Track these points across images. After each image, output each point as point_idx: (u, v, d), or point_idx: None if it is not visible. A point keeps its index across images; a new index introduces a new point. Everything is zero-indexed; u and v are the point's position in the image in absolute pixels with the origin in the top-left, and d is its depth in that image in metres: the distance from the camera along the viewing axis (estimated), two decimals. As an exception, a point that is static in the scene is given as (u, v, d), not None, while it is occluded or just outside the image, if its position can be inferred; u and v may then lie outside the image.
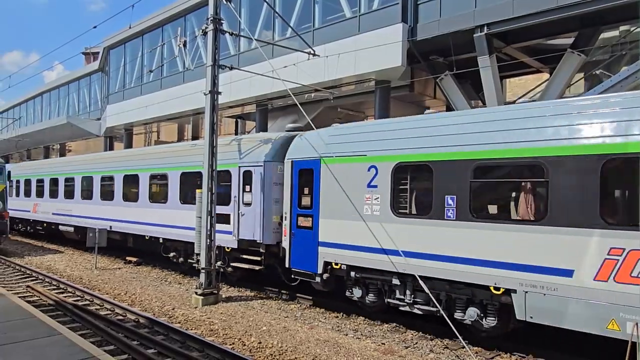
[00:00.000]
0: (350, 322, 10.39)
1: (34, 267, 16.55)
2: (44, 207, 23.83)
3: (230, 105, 20.20)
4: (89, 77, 33.92)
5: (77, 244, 21.49)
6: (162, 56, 24.48)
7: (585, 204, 7.05)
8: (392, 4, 14.61)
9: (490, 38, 13.05)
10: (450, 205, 8.51)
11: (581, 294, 7.01)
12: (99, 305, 11.59)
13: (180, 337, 8.98)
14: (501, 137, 8.03)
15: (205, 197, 11.79)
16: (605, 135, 7.02)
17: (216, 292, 11.85)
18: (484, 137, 8.25)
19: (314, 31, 16.73)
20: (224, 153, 13.05)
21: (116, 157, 19.64)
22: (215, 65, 11.95)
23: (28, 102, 43.63)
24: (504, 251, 7.81)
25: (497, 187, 8.56)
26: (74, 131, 33.17)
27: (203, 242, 11.80)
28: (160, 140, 32.49)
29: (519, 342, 8.67)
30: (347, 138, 10.59)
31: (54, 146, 42.35)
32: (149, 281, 14.64)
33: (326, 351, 8.29)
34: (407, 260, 8.96)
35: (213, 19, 11.86)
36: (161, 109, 23.69)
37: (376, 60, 14.67)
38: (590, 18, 12.08)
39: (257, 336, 9.06)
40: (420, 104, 19.26)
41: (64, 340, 7.04)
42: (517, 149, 7.80)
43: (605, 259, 6.83)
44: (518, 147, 7.79)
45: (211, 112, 11.96)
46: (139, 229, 16.84)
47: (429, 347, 8.80)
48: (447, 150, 8.65)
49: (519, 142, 7.80)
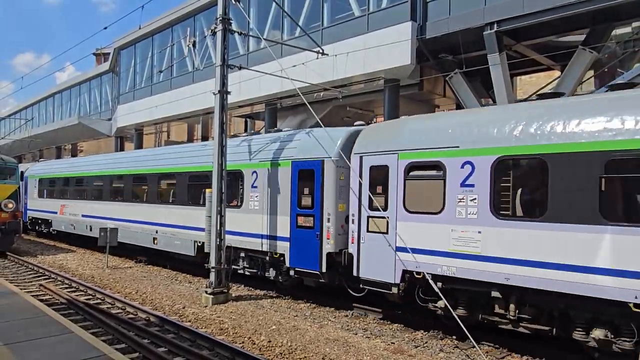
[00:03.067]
0: (359, 321, 10.37)
1: (47, 266, 16.74)
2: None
3: (240, 105, 20.27)
4: (100, 77, 34.23)
5: (88, 243, 21.65)
6: (171, 56, 24.64)
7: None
8: (401, 2, 14.55)
9: (500, 35, 12.95)
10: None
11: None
12: (110, 304, 11.69)
13: (190, 335, 9.02)
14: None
15: (215, 197, 11.83)
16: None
17: (226, 291, 11.90)
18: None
19: (322, 30, 16.72)
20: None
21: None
22: (225, 65, 11.99)
23: (40, 103, 44.13)
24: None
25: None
26: (85, 131, 33.50)
27: (213, 242, 11.84)
28: (170, 140, 32.71)
29: (531, 343, 8.59)
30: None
31: (66, 146, 42.81)
32: (160, 280, 14.74)
33: (335, 350, 8.29)
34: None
35: (222, 19, 11.90)
36: (171, 109, 23.83)
37: (385, 59, 14.63)
38: (602, 14, 11.93)
39: (266, 335, 9.08)
40: (429, 103, 19.19)
41: (76, 339, 7.11)
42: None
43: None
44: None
45: (220, 112, 12.00)
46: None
47: (438, 346, 8.76)
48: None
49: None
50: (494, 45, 12.97)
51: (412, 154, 9.23)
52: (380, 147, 9.84)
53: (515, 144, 7.88)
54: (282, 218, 11.85)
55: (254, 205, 12.74)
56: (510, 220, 7.89)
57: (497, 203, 8.05)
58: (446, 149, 8.73)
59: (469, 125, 8.71)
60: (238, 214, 13.06)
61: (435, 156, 8.90)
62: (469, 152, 8.42)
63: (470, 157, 8.37)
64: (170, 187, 16.26)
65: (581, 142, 7.22)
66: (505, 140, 8.01)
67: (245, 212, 12.94)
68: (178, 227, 15.37)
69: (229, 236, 12.47)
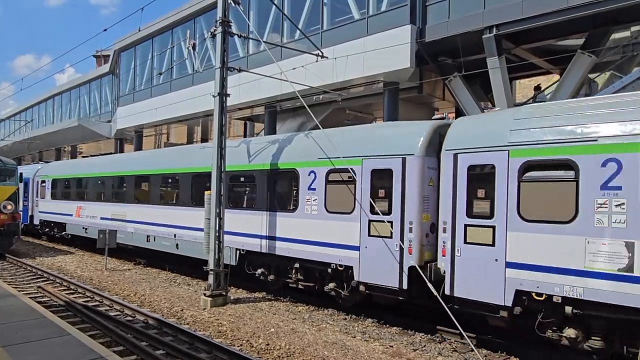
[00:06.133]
0: (358, 324, 10.35)
1: (45, 268, 16.71)
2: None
3: (239, 107, 20.27)
4: (100, 79, 34.26)
5: (86, 245, 21.62)
6: (171, 58, 24.67)
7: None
8: (400, 5, 14.58)
9: (499, 39, 12.97)
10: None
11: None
12: (108, 306, 11.68)
13: (188, 338, 9.01)
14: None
15: (214, 199, 11.82)
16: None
17: (225, 294, 11.88)
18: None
19: (322, 33, 16.74)
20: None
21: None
22: (224, 67, 12.00)
23: (40, 105, 44.18)
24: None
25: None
26: (85, 133, 33.52)
27: (212, 244, 11.83)
28: (170, 142, 32.71)
29: (529, 347, 8.58)
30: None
31: (66, 148, 42.81)
32: (158, 282, 14.71)
33: (334, 353, 8.28)
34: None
35: (222, 21, 11.91)
36: (171, 111, 23.84)
37: (385, 62, 14.64)
38: (601, 18, 11.95)
39: (265, 338, 9.07)
40: (429, 106, 19.21)
41: (74, 341, 7.09)
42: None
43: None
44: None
45: (220, 114, 12.00)
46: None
47: (437, 349, 8.75)
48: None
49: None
50: (493, 49, 12.99)
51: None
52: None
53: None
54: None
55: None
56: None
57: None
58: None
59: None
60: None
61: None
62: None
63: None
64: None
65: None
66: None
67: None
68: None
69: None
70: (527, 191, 7.75)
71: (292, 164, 11.79)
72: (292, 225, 11.58)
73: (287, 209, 11.89)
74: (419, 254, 9.16)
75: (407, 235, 9.28)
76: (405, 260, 9.26)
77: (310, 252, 11.10)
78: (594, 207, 7.00)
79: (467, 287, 8.35)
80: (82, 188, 21.92)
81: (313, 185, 11.14)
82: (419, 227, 9.21)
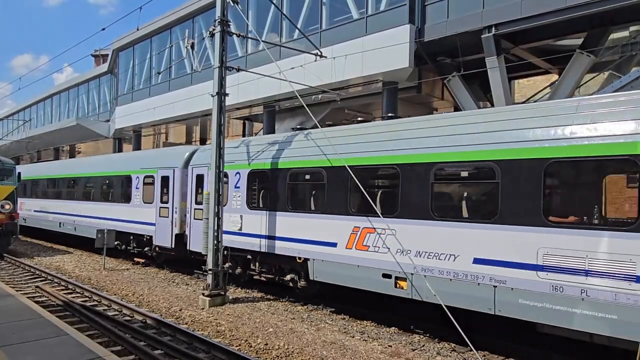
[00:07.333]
0: (357, 324, 10.35)
1: (43, 268, 16.68)
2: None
3: (238, 107, 20.26)
4: (98, 79, 34.17)
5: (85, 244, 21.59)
6: (170, 58, 24.62)
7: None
8: (399, 5, 14.57)
9: (498, 39, 12.97)
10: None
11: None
12: (106, 306, 11.66)
13: (187, 338, 9.00)
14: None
15: (212, 199, 11.81)
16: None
17: (223, 294, 11.87)
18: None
19: (321, 33, 16.72)
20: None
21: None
22: (223, 67, 11.98)
23: (38, 104, 44.04)
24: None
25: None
26: (83, 133, 33.43)
27: (210, 244, 11.82)
28: (168, 142, 32.68)
29: (528, 347, 8.58)
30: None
31: (64, 147, 42.72)
32: (157, 282, 14.69)
33: (333, 353, 8.27)
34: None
35: (220, 21, 11.90)
36: (169, 111, 23.81)
37: (383, 62, 14.63)
38: (600, 18, 11.96)
39: (263, 338, 9.06)
40: (428, 105, 19.20)
41: (72, 341, 7.08)
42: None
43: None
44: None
45: (218, 114, 11.99)
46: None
47: (436, 349, 8.74)
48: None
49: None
50: (492, 49, 12.99)
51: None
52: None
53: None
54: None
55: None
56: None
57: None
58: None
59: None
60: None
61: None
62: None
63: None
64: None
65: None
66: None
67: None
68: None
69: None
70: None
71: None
72: (127, 212, 17.79)
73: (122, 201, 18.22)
74: (179, 226, 15.27)
75: (174, 216, 15.43)
76: (173, 230, 15.40)
77: (136, 228, 17.34)
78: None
79: (194, 244, 14.21)
80: (26, 188, 27.34)
81: (138, 185, 17.36)
82: (180, 210, 15.27)
